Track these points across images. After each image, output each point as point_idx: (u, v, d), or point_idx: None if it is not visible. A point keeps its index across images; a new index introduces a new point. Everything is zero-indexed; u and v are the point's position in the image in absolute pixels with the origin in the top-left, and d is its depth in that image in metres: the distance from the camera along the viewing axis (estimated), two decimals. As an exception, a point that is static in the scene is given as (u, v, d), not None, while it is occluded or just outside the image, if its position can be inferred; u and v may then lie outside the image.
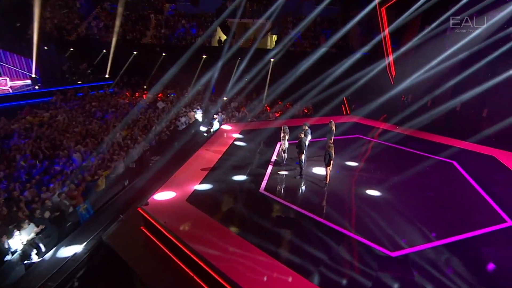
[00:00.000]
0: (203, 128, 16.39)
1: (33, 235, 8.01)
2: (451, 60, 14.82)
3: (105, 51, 25.90)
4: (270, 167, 10.41)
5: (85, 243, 7.72)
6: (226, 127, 14.64)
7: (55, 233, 8.36)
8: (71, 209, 9.18)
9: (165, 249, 7.15)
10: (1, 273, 7.00)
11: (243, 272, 5.93)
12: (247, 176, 9.78)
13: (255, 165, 10.54)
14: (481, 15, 13.71)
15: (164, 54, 25.00)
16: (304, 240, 6.94)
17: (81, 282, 7.16)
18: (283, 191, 9.14)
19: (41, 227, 8.21)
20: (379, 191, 9.09)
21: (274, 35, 25.26)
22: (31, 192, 9.69)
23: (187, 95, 21.77)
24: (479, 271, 6.42)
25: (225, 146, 12.03)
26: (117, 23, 24.79)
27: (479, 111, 14.92)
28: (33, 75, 24.90)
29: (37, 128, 14.80)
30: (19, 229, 7.85)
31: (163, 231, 7.04)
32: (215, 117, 17.36)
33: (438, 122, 15.11)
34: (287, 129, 10.43)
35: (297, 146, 9.54)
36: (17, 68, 26.69)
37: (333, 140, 10.85)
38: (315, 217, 7.76)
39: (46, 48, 25.67)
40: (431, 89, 16.04)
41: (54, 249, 7.57)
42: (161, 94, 22.88)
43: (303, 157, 9.63)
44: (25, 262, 7.53)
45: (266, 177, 9.71)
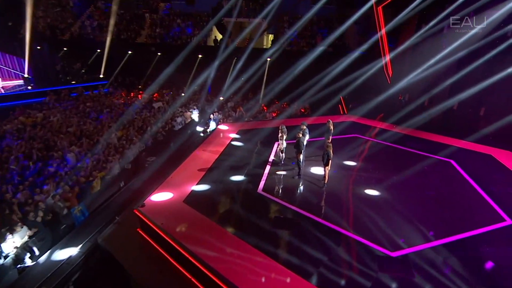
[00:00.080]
0: (199, 128, 16.30)
1: (26, 238, 7.88)
2: (448, 59, 14.86)
3: (99, 50, 25.67)
4: (268, 167, 10.33)
5: (80, 246, 7.62)
6: (222, 127, 14.52)
7: (49, 236, 8.24)
8: (65, 211, 9.07)
9: (162, 251, 7.05)
10: (-7, 278, 6.86)
11: (242, 273, 5.85)
12: (244, 176, 9.70)
13: (253, 165, 10.45)
14: (478, 14, 13.76)
15: (159, 53, 24.83)
16: (303, 240, 6.87)
17: (76, 285, 7.05)
18: (281, 191, 9.07)
19: (34, 230, 8.05)
20: (377, 190, 9.06)
21: (270, 35, 25.22)
22: (24, 194, 9.51)
23: (183, 95, 21.64)
24: (479, 270, 6.41)
25: (222, 146, 11.93)
26: (111, 22, 24.55)
27: (476, 110, 14.98)
28: (26, 75, 24.57)
29: (30, 128, 14.57)
30: (12, 232, 7.72)
31: (160, 233, 6.94)
32: (212, 117, 17.26)
33: (435, 121, 15.13)
34: (285, 129, 10.35)
35: (295, 145, 9.48)
36: (9, 68, 26.29)
37: (331, 139, 10.83)
38: (314, 218, 7.70)
39: (39, 47, 25.33)
40: (428, 88, 16.09)
41: (48, 252, 7.46)
42: (157, 94, 22.72)
43: (301, 157, 9.56)
44: (18, 266, 7.40)
45: (264, 178, 9.64)
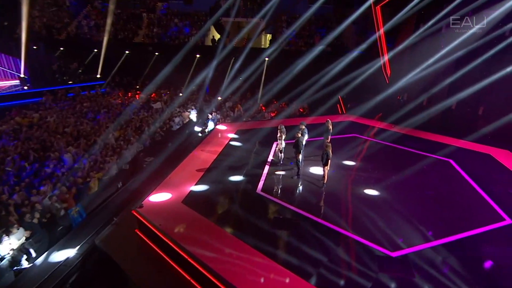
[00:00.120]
0: (197, 128, 16.23)
1: (23, 240, 7.79)
2: (447, 58, 14.87)
3: (96, 50, 25.51)
4: (266, 167, 10.29)
5: (77, 248, 7.52)
6: (221, 127, 14.47)
7: (46, 237, 8.16)
8: (62, 213, 8.98)
9: (161, 252, 6.99)
10: (-11, 280, 6.78)
11: (241, 274, 5.80)
12: (243, 176, 9.66)
13: (252, 166, 10.40)
14: (476, 13, 13.77)
15: (157, 53, 24.71)
16: (302, 241, 6.84)
17: (73, 287, 6.94)
18: (280, 191, 9.03)
19: (30, 232, 7.96)
20: (377, 190, 9.04)
21: (268, 34, 25.17)
22: (21, 195, 9.42)
23: (181, 95, 21.55)
24: (479, 270, 6.40)
25: (221, 146, 11.88)
26: (108, 21, 24.42)
27: (475, 109, 15.00)
28: (22, 75, 24.36)
29: (26, 129, 14.44)
30: (8, 234, 7.64)
31: (159, 233, 6.88)
32: (210, 117, 17.20)
33: (434, 120, 15.14)
34: (284, 129, 10.31)
35: (294, 145, 9.44)
36: (5, 68, 26.06)
37: (330, 139, 10.80)
38: (313, 218, 7.66)
39: (35, 47, 25.14)
40: (427, 87, 16.10)
41: (45, 254, 7.36)
42: (154, 94, 22.61)
43: (300, 156, 9.52)
44: (15, 268, 7.32)
45: (263, 178, 9.60)
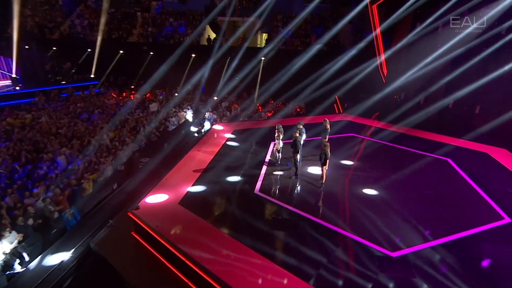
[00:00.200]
0: (193, 128, 16.08)
1: (15, 243, 7.61)
2: (443, 57, 14.91)
3: (90, 50, 25.22)
4: (264, 168, 10.20)
5: (72, 251, 7.35)
6: (217, 127, 14.35)
7: (39, 241, 7.99)
8: (56, 215, 8.79)
9: (158, 255, 6.86)
10: (-20, 286, 6.60)
11: (239, 275, 5.71)
12: (241, 177, 9.55)
13: (249, 166, 10.30)
14: (472, 12, 13.83)
15: (151, 53, 24.50)
16: (300, 241, 6.76)
17: (68, 292, 6.80)
18: (278, 191, 8.95)
19: (22, 235, 7.78)
20: (375, 189, 9.00)
21: (264, 34, 25.09)
22: (13, 197, 9.22)
23: (176, 94, 21.38)
24: (478, 269, 6.38)
25: (218, 146, 11.76)
26: (102, 21, 24.16)
27: (472, 108, 15.06)
28: (14, 75, 24.03)
29: (19, 130, 14.19)
30: (0, 238, 7.45)
31: (155, 235, 6.75)
32: (206, 116, 17.07)
33: (431, 120, 15.16)
34: (282, 129, 10.25)
35: (292, 145, 9.37)
36: (-4, 68, 25.72)
37: (328, 139, 10.75)
38: (312, 218, 7.59)
39: (27, 47, 24.77)
40: (424, 87, 16.14)
41: (38, 258, 7.17)
42: (150, 94, 22.40)
43: (298, 156, 9.45)
44: (7, 272, 7.14)
45: (260, 178, 9.51)
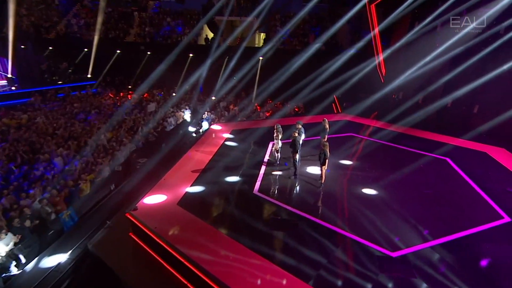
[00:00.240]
0: (191, 128, 16.01)
1: (11, 245, 7.52)
2: (442, 57, 14.93)
3: (86, 49, 25.05)
4: (263, 168, 10.16)
5: (69, 252, 7.28)
6: (216, 127, 14.28)
7: (36, 242, 7.91)
8: (53, 216, 8.71)
9: (156, 256, 6.80)
10: (-24, 289, 6.51)
11: (238, 276, 5.67)
12: (240, 177, 9.50)
13: (248, 166, 10.25)
14: (471, 12, 13.85)
15: (149, 53, 24.37)
16: (300, 241, 6.73)
17: (66, 294, 6.72)
18: (277, 191, 8.91)
19: (19, 237, 7.68)
20: (374, 189, 8.98)
21: (262, 33, 25.05)
22: (9, 199, 9.12)
23: (174, 94, 21.29)
24: (478, 268, 6.37)
25: (216, 146, 11.70)
26: (99, 20, 23.99)
27: (470, 108, 15.10)
28: (9, 75, 23.82)
29: (14, 130, 14.04)
30: (-4, 240, 7.34)
31: (153, 236, 6.69)
32: (204, 116, 17.00)
33: (430, 119, 15.17)
34: (280, 128, 10.21)
35: (291, 145, 9.33)
36: (-9, 68, 25.47)
37: (326, 138, 10.72)
38: (311, 218, 7.56)
39: (23, 46, 24.55)
40: (422, 86, 16.15)
41: (35, 259, 7.10)
42: (147, 94, 22.29)
43: (297, 156, 9.41)
44: (4, 275, 7.07)
45: (259, 178, 9.46)
